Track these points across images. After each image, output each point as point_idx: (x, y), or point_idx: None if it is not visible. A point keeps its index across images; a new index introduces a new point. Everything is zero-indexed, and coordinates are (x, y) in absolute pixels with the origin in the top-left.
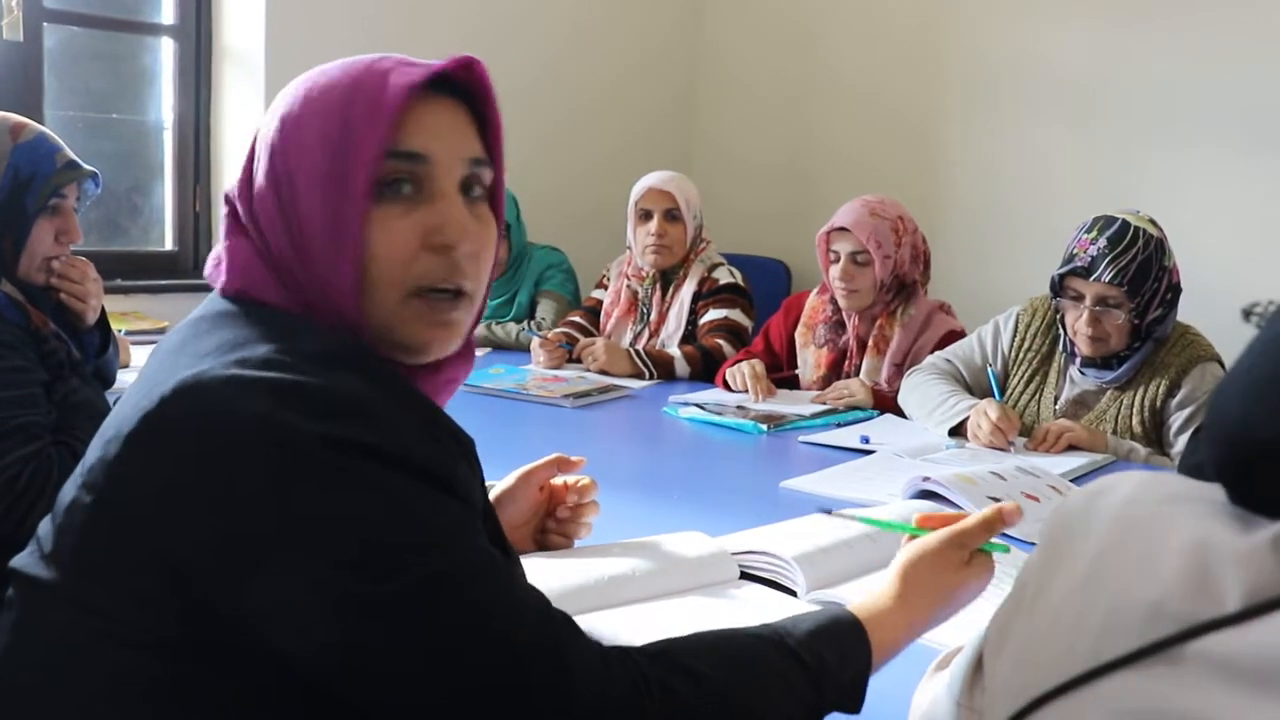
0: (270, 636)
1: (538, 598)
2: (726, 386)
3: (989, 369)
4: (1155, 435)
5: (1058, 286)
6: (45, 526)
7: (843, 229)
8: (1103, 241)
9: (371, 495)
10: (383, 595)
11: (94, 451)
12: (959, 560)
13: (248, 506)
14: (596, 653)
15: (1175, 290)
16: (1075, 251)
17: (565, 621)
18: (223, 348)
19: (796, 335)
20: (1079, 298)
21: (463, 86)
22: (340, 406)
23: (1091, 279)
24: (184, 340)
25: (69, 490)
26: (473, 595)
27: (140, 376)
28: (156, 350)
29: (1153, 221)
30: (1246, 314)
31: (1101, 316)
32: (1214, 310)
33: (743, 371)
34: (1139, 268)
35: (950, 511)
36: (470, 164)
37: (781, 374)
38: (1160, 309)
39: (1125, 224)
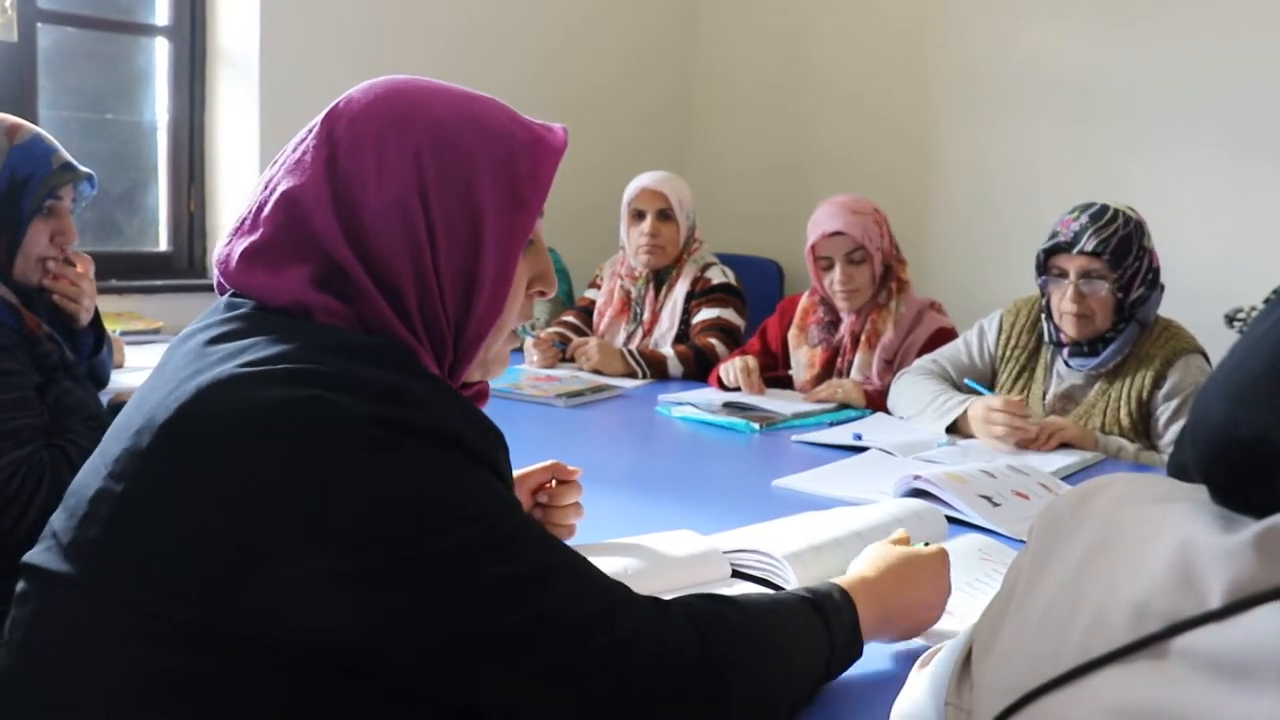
0: (309, 620)
1: (582, 559)
2: (721, 385)
3: (966, 380)
4: (1143, 427)
5: (1043, 265)
6: (61, 521)
7: (835, 234)
8: (1085, 218)
9: (422, 470)
10: (439, 564)
11: (119, 444)
12: (904, 551)
13: (300, 486)
14: (649, 599)
15: (1156, 273)
16: (1058, 230)
17: (617, 580)
18: (258, 345)
19: (789, 337)
20: (1063, 275)
21: None
22: (385, 391)
23: (1075, 251)
24: (213, 339)
25: (91, 482)
26: (531, 560)
27: (159, 373)
28: (176, 347)
29: (1131, 209)
30: (1230, 319)
31: (1086, 291)
32: (1206, 309)
33: (735, 367)
34: (1120, 241)
35: None
36: None
37: (775, 373)
38: (1142, 288)
39: (1105, 205)
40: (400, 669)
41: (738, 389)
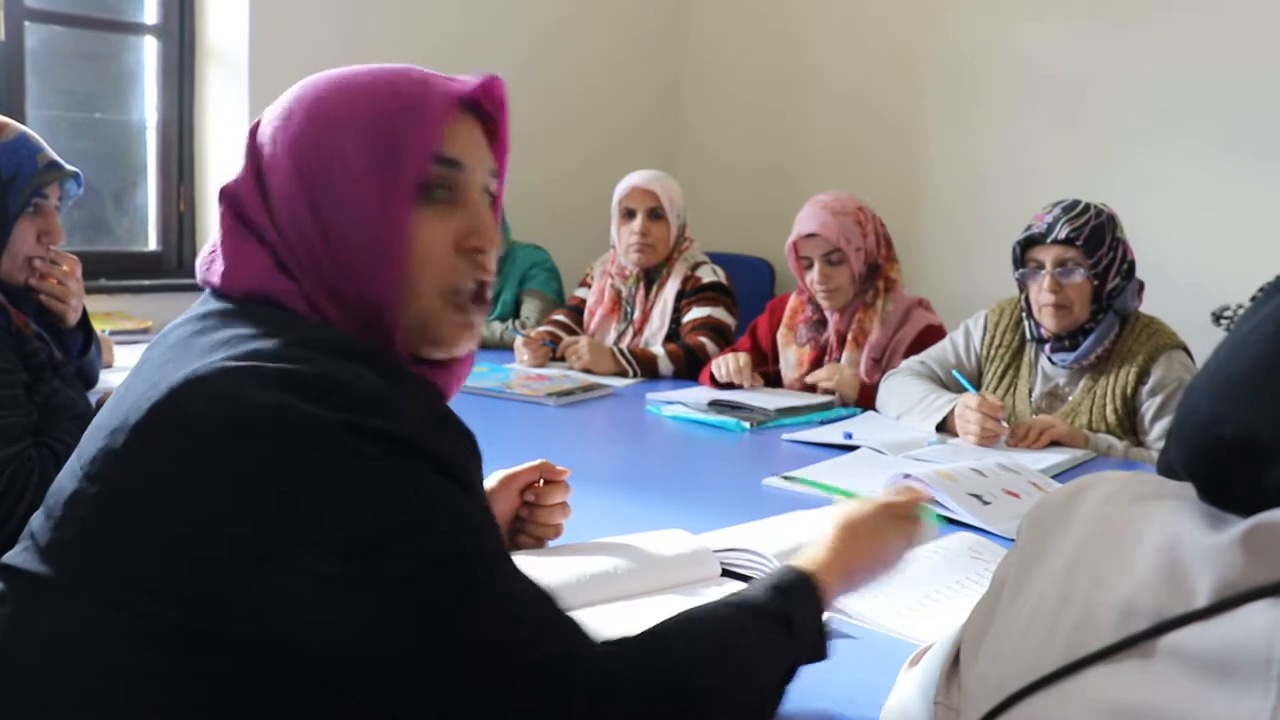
0: (280, 625)
1: (542, 591)
2: (713, 380)
3: (954, 372)
4: (1129, 423)
5: (1019, 259)
6: (39, 521)
7: (811, 235)
8: (1057, 210)
9: (389, 481)
10: (396, 580)
11: (94, 444)
12: (885, 521)
13: (267, 491)
14: (597, 641)
15: (1131, 265)
16: (1032, 223)
17: (569, 617)
18: (232, 341)
19: (779, 336)
20: (1040, 267)
21: (478, 101)
22: (357, 396)
23: (1049, 240)
24: (188, 336)
25: (68, 484)
26: (486, 584)
27: (137, 373)
28: (154, 346)
29: (1104, 205)
30: (1216, 318)
31: (1062, 281)
32: (1197, 308)
33: (729, 363)
34: (1093, 230)
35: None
36: (490, 174)
37: (766, 368)
38: (1118, 279)
39: (1077, 200)
40: (351, 677)
41: (730, 385)
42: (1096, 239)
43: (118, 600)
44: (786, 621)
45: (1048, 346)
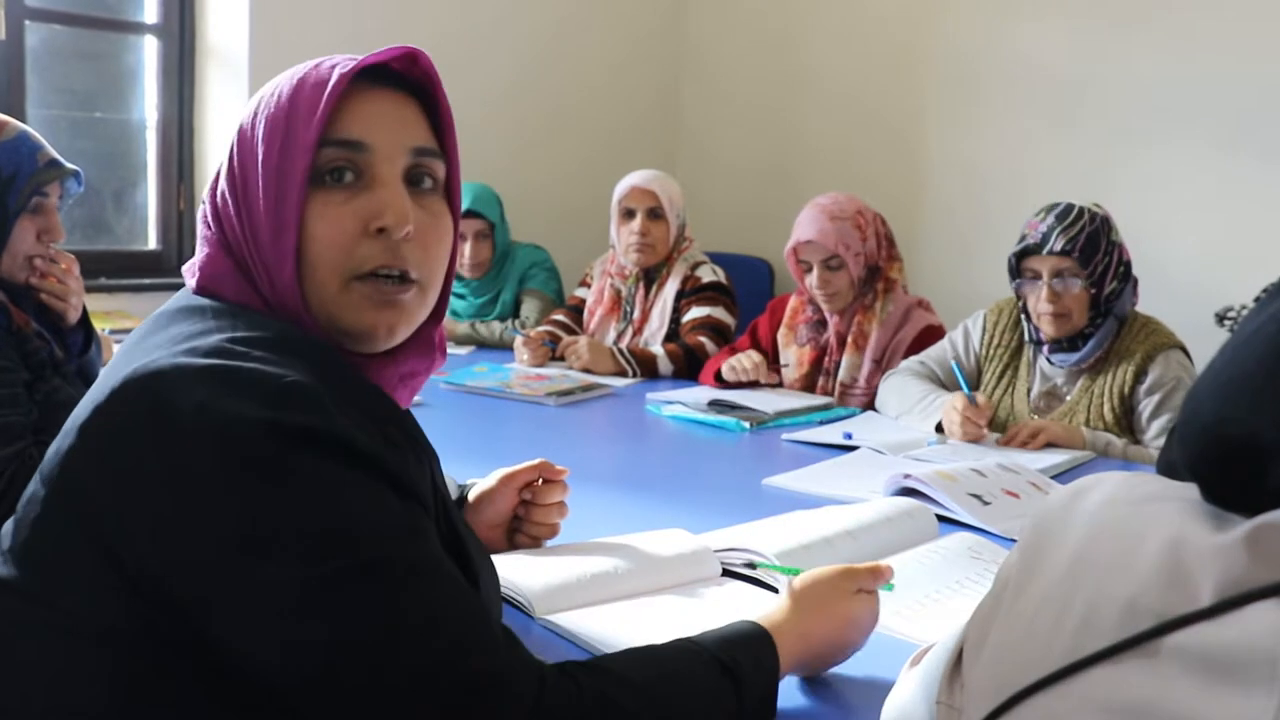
0: (210, 623)
1: (476, 605)
2: (718, 379)
3: (952, 363)
4: (1126, 422)
5: (1015, 268)
6: (8, 524)
7: (809, 241)
8: (1051, 219)
9: (310, 487)
10: (314, 587)
11: (53, 445)
12: (847, 590)
13: (187, 494)
14: (534, 666)
15: (1127, 266)
16: (1026, 233)
17: (505, 632)
18: (176, 339)
19: (779, 336)
20: (1037, 276)
21: (411, 79)
22: (285, 395)
23: (1045, 252)
24: (144, 334)
25: (30, 485)
26: (407, 593)
27: (103, 373)
28: (122, 346)
29: (1097, 205)
30: (1220, 318)
31: (1060, 291)
32: (1196, 308)
33: (741, 363)
34: (1088, 238)
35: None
36: (414, 153)
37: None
38: (1115, 282)
39: (1070, 204)
40: (277, 682)
41: (740, 384)
42: (1092, 247)
43: (65, 601)
44: (735, 678)
45: (1046, 348)
